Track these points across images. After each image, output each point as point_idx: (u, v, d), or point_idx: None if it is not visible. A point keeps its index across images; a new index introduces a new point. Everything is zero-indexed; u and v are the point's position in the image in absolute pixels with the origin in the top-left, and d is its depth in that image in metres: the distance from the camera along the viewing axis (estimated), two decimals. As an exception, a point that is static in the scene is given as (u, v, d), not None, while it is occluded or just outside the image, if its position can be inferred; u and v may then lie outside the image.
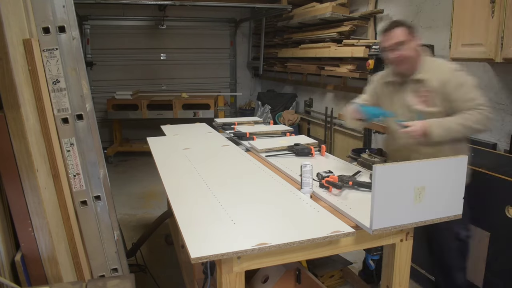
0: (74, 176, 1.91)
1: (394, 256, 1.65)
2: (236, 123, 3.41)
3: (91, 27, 6.51)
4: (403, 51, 2.02)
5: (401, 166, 1.45)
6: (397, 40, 2.02)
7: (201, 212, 1.62)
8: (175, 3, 5.53)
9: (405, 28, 2.03)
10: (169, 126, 3.53)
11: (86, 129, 1.92)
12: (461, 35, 2.69)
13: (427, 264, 2.64)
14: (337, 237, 1.44)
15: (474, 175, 2.15)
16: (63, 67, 1.85)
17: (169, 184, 1.96)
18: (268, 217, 1.56)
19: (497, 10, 2.39)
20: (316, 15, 4.90)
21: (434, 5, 3.57)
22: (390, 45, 2.05)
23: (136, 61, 6.83)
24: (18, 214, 1.67)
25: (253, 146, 2.64)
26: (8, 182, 1.64)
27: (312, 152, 2.44)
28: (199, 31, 7.07)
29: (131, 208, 4.18)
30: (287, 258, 1.47)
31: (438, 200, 1.51)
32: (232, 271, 1.39)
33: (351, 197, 1.77)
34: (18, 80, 1.59)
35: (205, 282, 1.77)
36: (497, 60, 2.45)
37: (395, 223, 1.47)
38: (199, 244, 1.34)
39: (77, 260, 1.90)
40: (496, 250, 2.20)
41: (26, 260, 1.71)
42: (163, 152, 2.62)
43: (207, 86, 7.18)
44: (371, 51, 3.47)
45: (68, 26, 1.84)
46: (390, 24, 2.08)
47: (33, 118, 1.71)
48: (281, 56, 6.29)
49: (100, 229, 1.98)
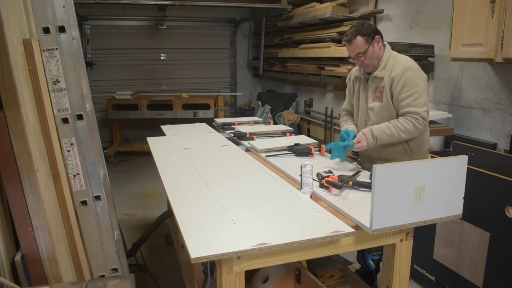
0: (74, 176, 1.91)
1: (394, 256, 1.65)
2: (236, 123, 3.41)
3: (91, 27, 6.51)
4: (364, 60, 2.14)
5: (401, 166, 1.45)
6: (357, 52, 2.12)
7: (201, 212, 1.62)
8: (175, 3, 5.53)
9: (362, 37, 2.11)
10: (169, 126, 3.53)
11: (86, 129, 1.92)
12: (461, 35, 2.69)
13: (427, 264, 2.64)
14: (337, 237, 1.44)
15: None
16: (63, 67, 1.85)
17: (169, 184, 1.96)
18: (268, 217, 1.56)
19: (497, 10, 2.39)
20: (316, 15, 4.90)
21: (434, 5, 3.57)
22: (352, 55, 2.16)
23: (136, 61, 6.82)
24: (18, 214, 1.67)
25: (253, 146, 2.64)
26: (8, 182, 1.64)
27: (312, 152, 2.44)
28: (199, 31, 7.06)
29: (131, 208, 4.18)
30: (287, 258, 1.47)
31: (438, 200, 1.51)
32: (232, 271, 1.39)
33: (351, 197, 1.77)
34: (18, 80, 1.59)
35: (205, 282, 1.77)
36: (497, 60, 2.45)
37: (395, 223, 1.47)
38: (199, 244, 1.34)
39: (77, 260, 1.90)
40: (496, 250, 2.20)
41: (26, 260, 1.71)
42: (163, 152, 2.62)
43: (207, 86, 7.18)
44: (371, 51, 3.46)
45: (68, 26, 1.84)
46: (350, 34, 2.14)
47: (33, 118, 1.71)
48: (281, 56, 6.29)
49: (100, 229, 1.98)
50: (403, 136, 2.07)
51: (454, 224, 2.41)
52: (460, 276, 2.42)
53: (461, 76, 3.32)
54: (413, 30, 3.84)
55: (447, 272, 2.50)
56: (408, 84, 2.05)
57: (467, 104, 3.27)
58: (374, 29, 2.16)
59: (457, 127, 3.33)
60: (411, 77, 2.06)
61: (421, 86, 2.06)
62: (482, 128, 3.14)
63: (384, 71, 2.14)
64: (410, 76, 2.06)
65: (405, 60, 2.14)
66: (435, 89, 3.62)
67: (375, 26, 2.20)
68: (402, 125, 2.05)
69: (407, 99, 2.05)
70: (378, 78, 2.16)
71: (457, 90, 3.37)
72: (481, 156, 2.67)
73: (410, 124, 2.04)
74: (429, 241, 2.59)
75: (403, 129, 2.05)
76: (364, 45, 2.11)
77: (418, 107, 2.04)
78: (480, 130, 3.16)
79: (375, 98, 2.19)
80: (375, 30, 2.16)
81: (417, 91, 2.05)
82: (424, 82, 2.09)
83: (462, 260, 2.41)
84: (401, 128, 2.05)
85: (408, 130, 2.05)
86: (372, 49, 2.12)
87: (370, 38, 2.11)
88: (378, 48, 2.14)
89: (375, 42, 2.13)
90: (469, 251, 2.36)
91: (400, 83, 2.07)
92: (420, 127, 2.05)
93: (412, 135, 2.09)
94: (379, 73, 2.15)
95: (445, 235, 2.50)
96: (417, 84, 2.05)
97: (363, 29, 2.11)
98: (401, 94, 2.07)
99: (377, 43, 2.14)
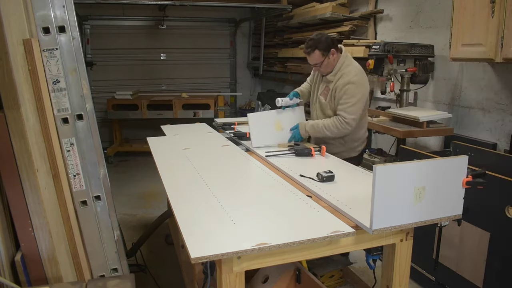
0: (74, 176, 1.91)
1: (394, 256, 1.65)
2: (236, 123, 3.41)
3: (91, 27, 6.51)
4: (320, 68, 2.62)
5: (401, 166, 1.45)
6: (315, 62, 2.59)
7: (201, 212, 1.62)
8: (175, 3, 5.53)
9: (319, 51, 2.52)
10: (169, 126, 3.53)
11: (86, 129, 1.92)
12: (461, 35, 2.69)
13: (427, 264, 2.64)
14: (337, 237, 1.44)
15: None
16: (63, 67, 1.85)
17: (169, 184, 1.96)
18: (268, 217, 1.56)
19: (497, 10, 2.39)
20: (316, 15, 4.90)
21: (434, 5, 3.57)
22: (311, 64, 2.64)
23: (136, 61, 6.82)
24: (18, 214, 1.67)
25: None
26: (8, 182, 1.64)
27: (312, 153, 2.44)
28: (199, 31, 7.06)
29: (131, 208, 4.18)
30: (287, 258, 1.47)
31: (438, 200, 1.51)
32: (232, 271, 1.39)
33: (351, 197, 1.77)
34: (18, 80, 1.59)
35: (205, 282, 1.77)
36: (497, 60, 2.45)
37: (395, 223, 1.47)
38: (199, 244, 1.34)
39: (77, 260, 1.90)
40: (496, 250, 2.20)
41: (26, 260, 1.71)
42: (163, 152, 2.62)
43: (207, 86, 7.18)
44: (371, 51, 3.47)
45: (68, 26, 1.84)
46: (309, 47, 2.55)
47: (33, 118, 1.71)
48: (281, 56, 6.28)
49: (100, 229, 1.98)
50: (327, 133, 2.57)
51: (454, 224, 2.41)
52: (460, 276, 2.42)
53: (461, 76, 3.32)
54: (413, 30, 3.84)
55: (447, 272, 2.50)
56: (346, 94, 2.51)
57: (467, 104, 3.27)
58: (330, 42, 2.54)
59: (457, 127, 3.33)
60: (350, 89, 2.51)
61: (356, 98, 2.50)
62: (482, 128, 3.14)
63: (334, 77, 2.59)
64: (350, 89, 2.51)
65: (352, 73, 2.55)
66: (435, 89, 3.62)
67: (331, 38, 2.59)
68: (328, 125, 2.55)
69: (343, 104, 2.53)
70: (329, 80, 2.63)
71: (457, 90, 3.37)
72: (481, 156, 2.66)
73: (334, 125, 2.53)
74: (429, 241, 2.59)
75: (328, 127, 2.55)
76: (321, 57, 2.55)
77: (348, 114, 2.50)
78: (480, 130, 3.16)
79: (322, 93, 2.72)
80: (331, 43, 2.54)
81: (351, 102, 2.50)
82: (361, 94, 2.52)
83: (462, 260, 2.41)
84: (327, 126, 2.56)
85: (331, 130, 2.55)
86: (327, 60, 2.56)
87: (326, 51, 2.53)
88: (332, 59, 2.57)
89: (330, 54, 2.55)
90: (469, 251, 2.36)
91: (341, 92, 2.54)
92: (341, 129, 2.53)
93: (334, 134, 2.57)
94: (330, 78, 2.62)
95: (445, 235, 2.50)
96: (353, 96, 2.50)
97: (320, 44, 2.51)
98: (341, 100, 2.54)
99: (332, 55, 2.55)
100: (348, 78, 2.53)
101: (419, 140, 3.73)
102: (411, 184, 1.45)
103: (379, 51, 3.36)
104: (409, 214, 1.48)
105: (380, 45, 3.36)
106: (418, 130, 3.12)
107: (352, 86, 2.50)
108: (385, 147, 3.92)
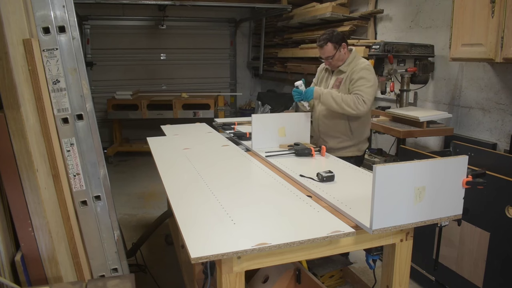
0: (74, 176, 1.91)
1: (394, 256, 1.65)
2: (236, 123, 3.41)
3: (91, 27, 6.51)
4: (332, 61, 2.72)
5: (401, 166, 1.45)
6: (327, 55, 2.69)
7: (201, 212, 1.62)
8: (175, 3, 5.53)
9: (332, 44, 2.65)
10: (169, 126, 3.53)
11: (86, 129, 1.91)
12: (461, 35, 2.69)
13: (427, 264, 2.64)
14: (337, 237, 1.44)
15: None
16: (63, 67, 1.84)
17: (169, 184, 1.96)
18: (268, 217, 1.56)
19: (497, 10, 2.39)
20: (316, 15, 4.90)
21: (434, 5, 3.57)
22: (323, 57, 2.73)
23: (136, 61, 6.82)
24: (18, 214, 1.67)
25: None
26: (8, 182, 1.64)
27: (312, 153, 2.44)
28: (199, 31, 7.06)
29: (131, 208, 4.18)
30: (287, 258, 1.47)
31: (438, 200, 1.51)
32: (232, 271, 1.39)
33: (351, 197, 1.77)
34: (18, 80, 1.59)
35: (205, 282, 1.77)
36: (497, 60, 2.45)
37: (395, 223, 1.47)
38: (199, 244, 1.34)
39: (77, 260, 1.90)
40: (496, 250, 2.20)
41: (26, 260, 1.71)
42: (163, 152, 2.62)
43: (207, 86, 7.18)
44: (371, 51, 3.47)
45: (68, 26, 1.84)
46: (322, 40, 2.66)
47: (33, 118, 1.71)
48: (281, 56, 6.28)
49: (100, 229, 1.98)
50: (342, 104, 2.56)
51: (454, 224, 2.41)
52: (460, 276, 2.42)
53: (461, 76, 3.32)
54: (413, 30, 3.84)
55: (447, 272, 2.51)
56: (363, 78, 2.61)
57: (467, 104, 3.27)
58: (341, 37, 2.69)
59: (457, 127, 3.33)
60: (366, 74, 2.63)
61: (372, 82, 2.61)
62: (482, 128, 3.14)
63: (348, 67, 2.71)
64: (366, 74, 2.63)
65: (365, 62, 2.71)
66: (435, 89, 3.62)
67: (342, 34, 2.73)
68: (346, 98, 2.57)
69: (360, 86, 2.59)
70: (341, 71, 2.73)
71: (457, 90, 3.37)
72: (481, 156, 2.67)
73: (352, 100, 2.55)
74: (429, 241, 2.59)
75: (345, 100, 2.56)
76: (333, 50, 2.66)
77: (366, 94, 2.57)
78: (480, 130, 3.16)
79: (334, 86, 2.76)
80: (342, 38, 2.69)
81: (368, 84, 2.59)
82: (374, 81, 2.64)
83: (462, 260, 2.41)
84: (344, 99, 2.57)
85: (348, 104, 2.55)
86: (339, 53, 2.68)
87: (338, 45, 2.66)
88: (343, 53, 2.70)
89: (342, 48, 2.68)
90: (469, 251, 2.36)
91: (357, 76, 2.63)
92: (359, 107, 2.55)
93: (350, 110, 2.56)
94: (343, 68, 2.73)
95: (445, 235, 2.50)
96: (370, 80, 2.61)
97: (333, 38, 2.65)
98: (357, 82, 2.62)
99: (343, 49, 2.69)
100: (363, 65, 2.67)
101: (419, 140, 3.73)
102: (411, 184, 1.45)
103: (379, 51, 3.36)
104: (409, 214, 1.48)
105: (380, 45, 3.36)
106: (418, 130, 3.12)
107: (368, 72, 2.63)
108: (385, 147, 3.92)
